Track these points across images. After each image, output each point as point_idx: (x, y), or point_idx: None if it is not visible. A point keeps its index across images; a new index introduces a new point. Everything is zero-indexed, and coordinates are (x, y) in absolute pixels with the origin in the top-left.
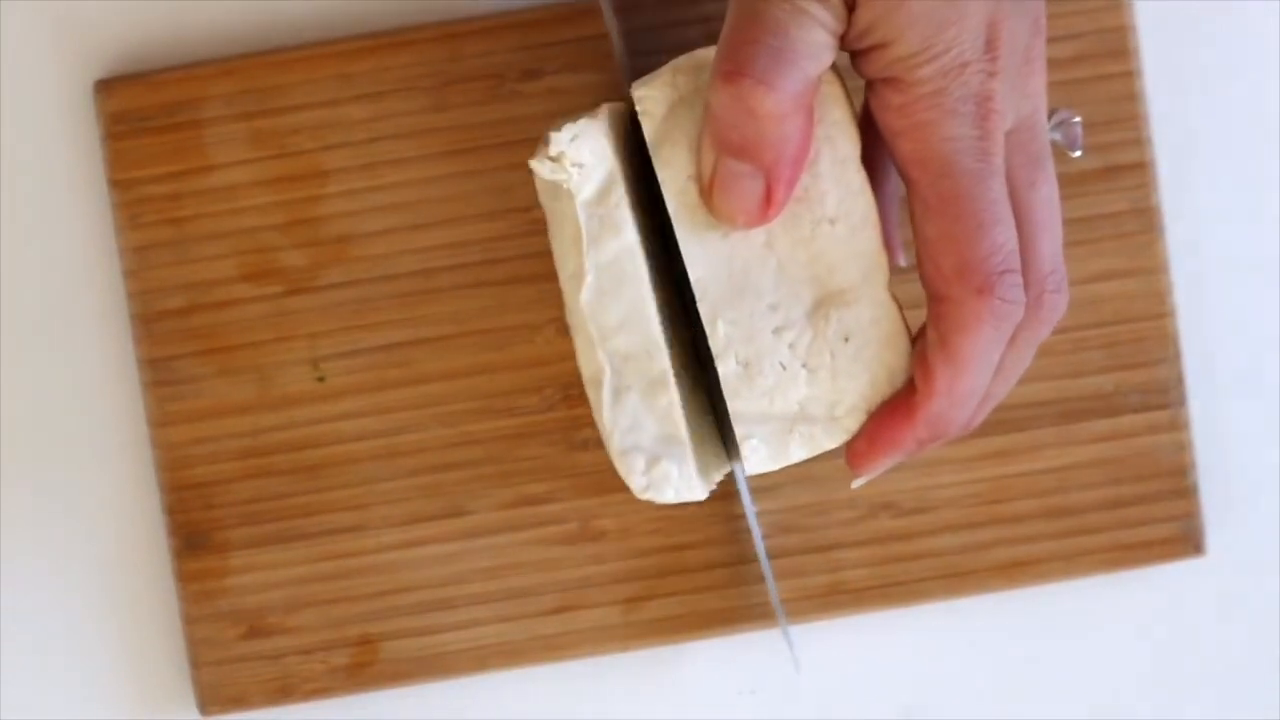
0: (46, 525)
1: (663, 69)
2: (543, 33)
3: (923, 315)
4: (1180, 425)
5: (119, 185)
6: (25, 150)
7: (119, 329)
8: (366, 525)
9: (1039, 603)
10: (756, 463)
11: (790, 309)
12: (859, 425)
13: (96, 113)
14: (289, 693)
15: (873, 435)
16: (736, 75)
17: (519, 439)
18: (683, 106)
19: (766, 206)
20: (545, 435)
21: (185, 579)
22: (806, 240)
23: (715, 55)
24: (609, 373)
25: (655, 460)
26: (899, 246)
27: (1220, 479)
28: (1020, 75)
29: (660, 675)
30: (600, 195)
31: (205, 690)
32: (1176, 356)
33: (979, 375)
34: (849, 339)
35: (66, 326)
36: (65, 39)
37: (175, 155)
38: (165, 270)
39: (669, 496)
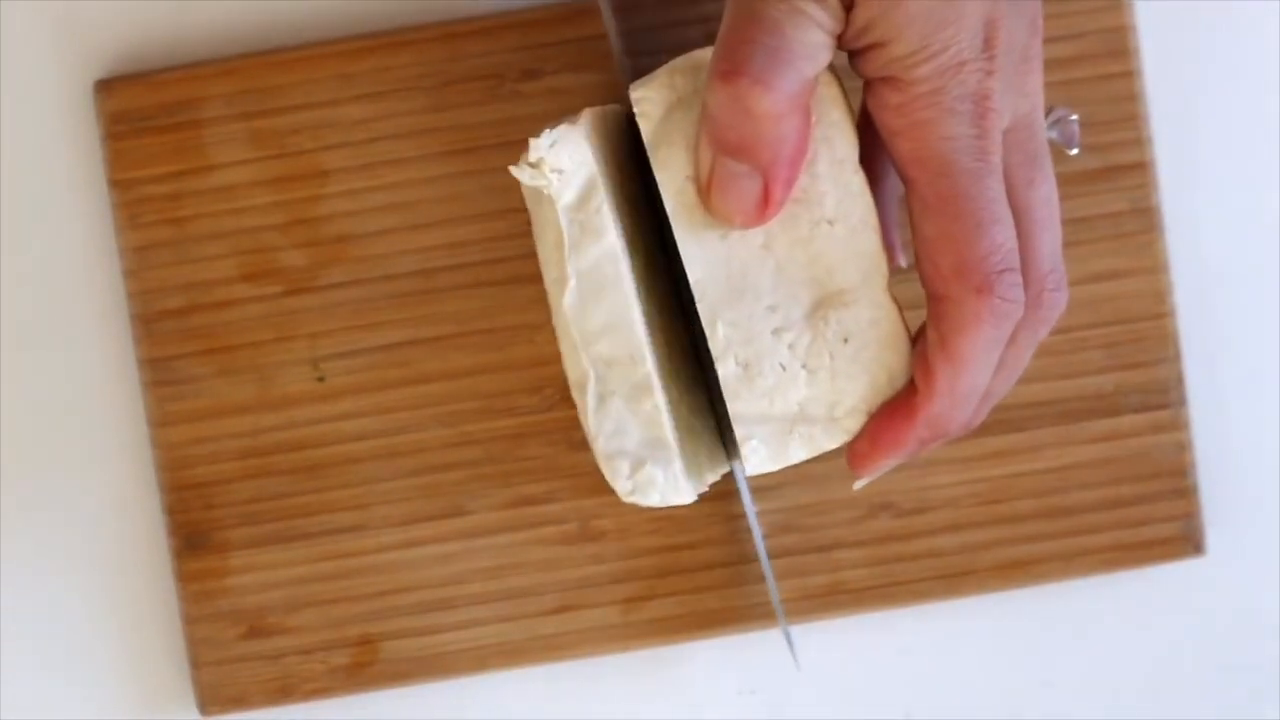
0: (46, 525)
1: (660, 70)
2: (543, 33)
3: (923, 316)
4: (1180, 425)
5: (119, 185)
6: (25, 150)
7: (119, 329)
8: (366, 525)
9: (1039, 603)
10: (756, 463)
11: (789, 310)
12: (859, 426)
13: (96, 113)
14: (289, 693)
15: (874, 436)
16: (733, 75)
17: (519, 439)
18: (680, 108)
19: (764, 206)
20: (545, 435)
21: (185, 579)
22: (805, 241)
23: (712, 55)
24: (593, 377)
25: (640, 464)
26: (898, 247)
27: (1220, 479)
28: (1018, 74)
29: (660, 675)
30: (581, 200)
31: (205, 690)
32: (1176, 356)
33: (979, 374)
34: (848, 340)
35: (66, 326)
36: (65, 39)
37: (175, 155)
38: (165, 270)
39: (654, 500)
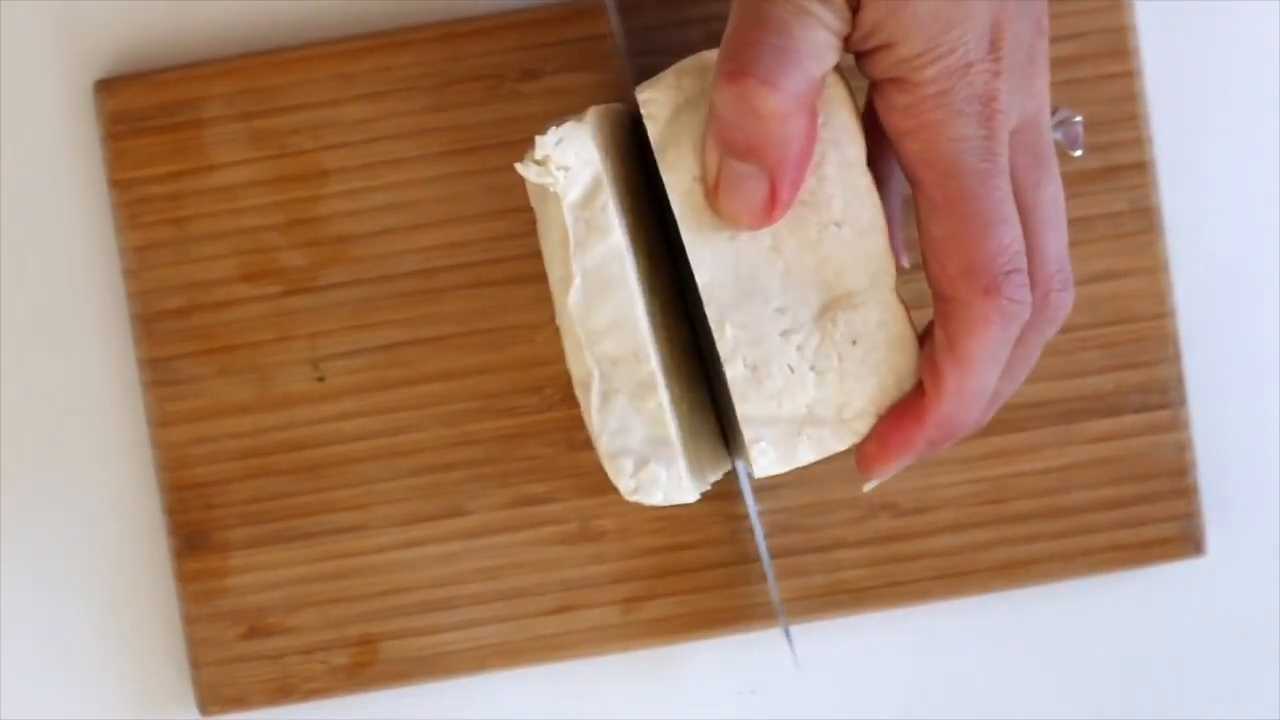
0: (46, 525)
1: (667, 72)
2: (543, 33)
3: (928, 315)
4: (1180, 425)
5: (119, 185)
6: (25, 150)
7: (119, 329)
8: (366, 525)
9: (1039, 603)
10: (765, 465)
11: (798, 312)
12: (868, 428)
13: (96, 113)
14: (289, 693)
15: (883, 438)
16: (739, 75)
17: (519, 439)
18: (688, 109)
19: (771, 207)
20: (545, 435)
21: (185, 579)
22: (813, 243)
23: (718, 56)
24: (597, 376)
25: (643, 462)
26: (901, 246)
27: (1220, 479)
28: (1024, 75)
29: (660, 675)
30: (586, 198)
31: (205, 690)
32: (1176, 356)
33: (988, 375)
34: (856, 342)
35: (66, 326)
36: (65, 39)
37: (175, 155)
38: (165, 270)
39: (657, 499)
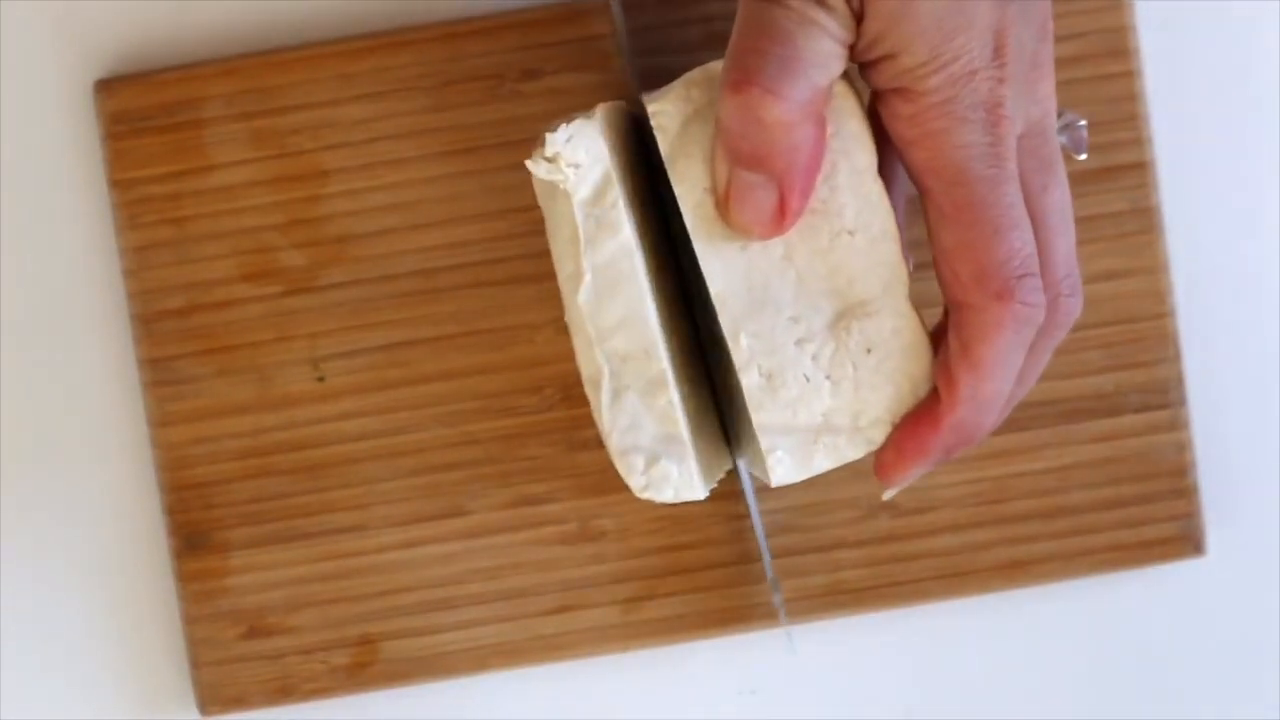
0: (46, 525)
1: (675, 83)
2: (543, 33)
3: (936, 314)
4: (1180, 425)
5: (119, 185)
6: (25, 150)
7: (119, 329)
8: (366, 525)
9: (1039, 603)
10: (782, 474)
11: (811, 321)
12: (884, 436)
13: (96, 113)
14: (289, 693)
15: (899, 446)
16: (744, 84)
17: (519, 439)
18: (697, 120)
19: (781, 216)
20: (545, 435)
21: (185, 579)
22: (825, 252)
23: (723, 66)
24: (607, 373)
25: (654, 460)
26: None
27: (1220, 479)
28: (1029, 80)
29: (660, 675)
30: (597, 195)
31: (205, 690)
32: (1176, 356)
33: (1002, 380)
34: (871, 350)
35: (66, 326)
36: (65, 39)
37: (175, 155)
38: (165, 270)
39: (668, 496)
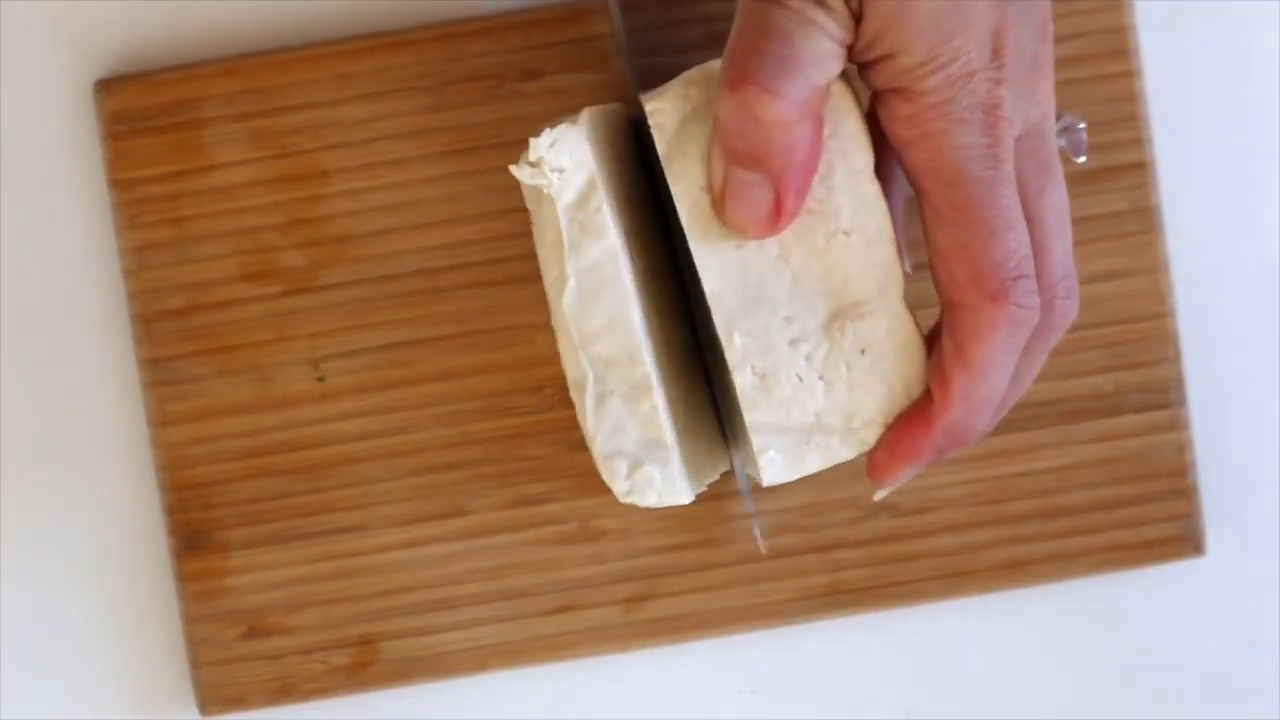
0: (46, 525)
1: (674, 81)
2: (543, 33)
3: (932, 316)
4: (1180, 425)
5: (119, 185)
6: (25, 150)
7: (119, 329)
8: (366, 525)
9: (1039, 603)
10: (774, 473)
11: (806, 321)
12: (876, 437)
13: (96, 113)
14: (289, 693)
15: (892, 446)
16: (742, 83)
17: (519, 439)
18: (695, 119)
19: (777, 215)
20: (545, 435)
21: (185, 579)
22: (821, 252)
23: (721, 64)
24: (591, 377)
25: (638, 464)
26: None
27: (1220, 479)
28: (1028, 82)
29: (660, 675)
30: (581, 200)
31: (205, 690)
32: (1176, 356)
33: (996, 382)
34: (865, 351)
35: (66, 326)
36: (65, 39)
37: (175, 155)
38: (165, 270)
39: (651, 500)
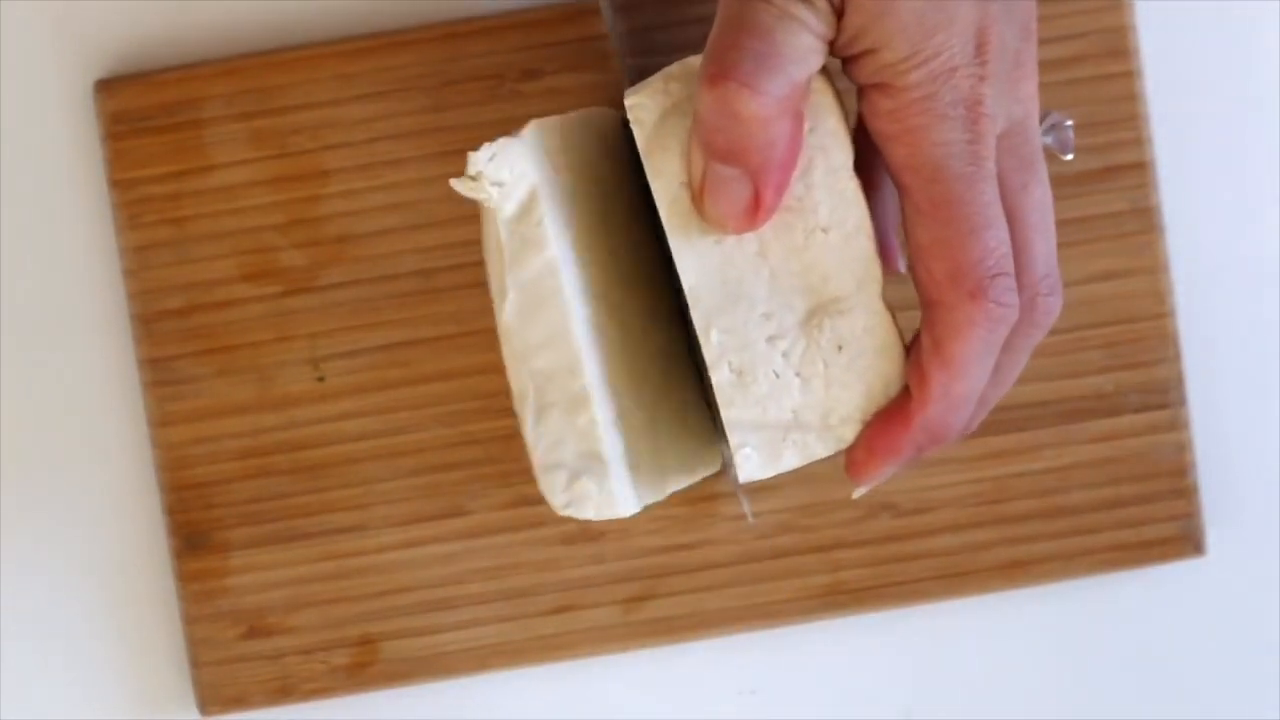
0: (46, 525)
1: (654, 77)
2: (543, 33)
3: (915, 318)
4: (1180, 425)
5: (119, 185)
6: (25, 150)
7: (119, 329)
8: (366, 525)
9: (1039, 603)
10: (750, 470)
11: (783, 317)
12: (855, 435)
13: (96, 113)
14: (289, 693)
15: (870, 444)
16: (721, 78)
17: (519, 439)
18: (675, 114)
19: (755, 210)
20: None
21: (185, 579)
22: (800, 249)
23: (702, 60)
24: (532, 390)
25: (575, 477)
26: (898, 249)
27: (1220, 479)
28: (1011, 79)
29: (660, 675)
30: (521, 213)
31: (205, 690)
32: (1176, 356)
33: (974, 379)
34: (842, 348)
35: (66, 326)
36: (65, 39)
37: (175, 155)
38: (165, 270)
39: (589, 513)
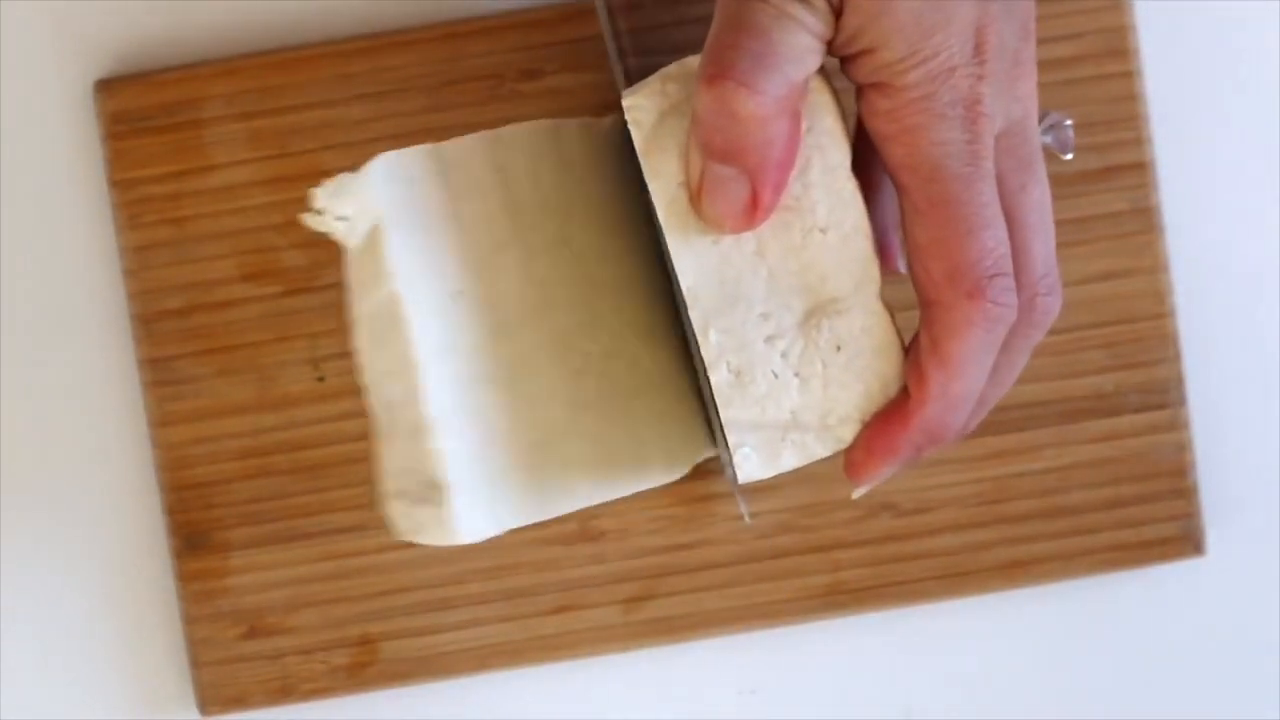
0: (47, 525)
1: (652, 77)
2: (543, 33)
3: (914, 319)
4: (1180, 425)
5: (119, 185)
6: (25, 150)
7: (119, 329)
8: (366, 525)
9: (1039, 603)
10: (749, 470)
11: (782, 318)
12: (853, 435)
13: (96, 113)
14: (289, 693)
15: (869, 444)
16: (719, 78)
17: None
18: (673, 115)
19: (753, 210)
20: None
21: (185, 579)
22: (797, 249)
23: (700, 60)
24: (383, 418)
25: (417, 503)
26: (898, 249)
27: (1220, 479)
28: (1009, 79)
29: (660, 675)
30: (366, 246)
31: (205, 690)
32: (1176, 356)
33: (972, 379)
34: (841, 348)
35: (66, 326)
36: (65, 39)
37: (175, 155)
38: (165, 270)
39: (429, 540)
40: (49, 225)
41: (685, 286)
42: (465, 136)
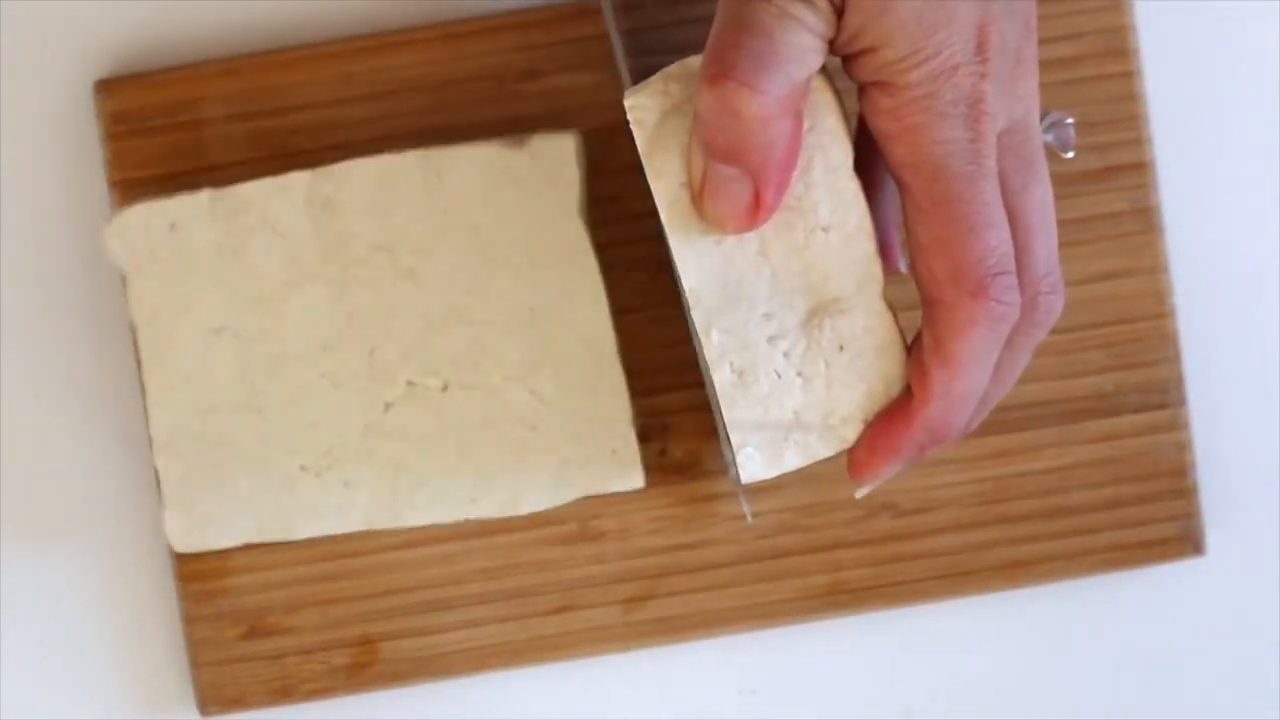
0: (46, 525)
1: (654, 77)
2: (543, 33)
3: (917, 318)
4: (1180, 425)
5: (119, 185)
6: (25, 150)
7: (119, 329)
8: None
9: (1039, 603)
10: (752, 470)
11: (784, 318)
12: (856, 435)
13: (96, 113)
14: (289, 693)
15: (872, 443)
16: (721, 78)
17: None
18: (675, 115)
19: (755, 210)
20: None
21: (185, 579)
22: (800, 249)
23: (702, 60)
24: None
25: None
26: (899, 248)
27: (1220, 479)
28: (1011, 78)
29: (660, 675)
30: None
31: (205, 690)
32: (1176, 356)
33: (975, 378)
34: (843, 348)
35: (66, 326)
36: (65, 39)
37: (175, 155)
38: None
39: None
40: (49, 225)
41: (688, 287)
42: (291, 173)
